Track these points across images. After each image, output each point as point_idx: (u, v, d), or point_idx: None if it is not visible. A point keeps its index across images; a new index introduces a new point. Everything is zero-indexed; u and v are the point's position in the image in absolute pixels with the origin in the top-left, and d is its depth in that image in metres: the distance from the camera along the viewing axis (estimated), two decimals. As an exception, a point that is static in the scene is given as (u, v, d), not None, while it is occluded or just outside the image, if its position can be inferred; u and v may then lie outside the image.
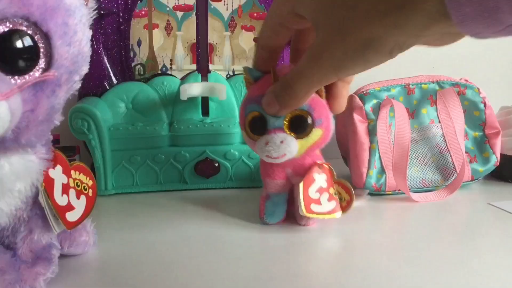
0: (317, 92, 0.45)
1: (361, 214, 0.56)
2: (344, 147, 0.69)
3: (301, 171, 0.49)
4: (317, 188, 0.48)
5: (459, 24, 0.26)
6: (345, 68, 0.34)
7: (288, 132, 0.45)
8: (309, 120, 0.45)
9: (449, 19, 0.26)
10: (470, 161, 0.66)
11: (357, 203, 0.54)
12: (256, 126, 0.46)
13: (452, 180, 0.64)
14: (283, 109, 0.42)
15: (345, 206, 0.49)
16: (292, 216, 0.52)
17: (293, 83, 0.39)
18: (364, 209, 0.58)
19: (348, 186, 0.49)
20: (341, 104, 0.46)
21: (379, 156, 0.62)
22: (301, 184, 0.48)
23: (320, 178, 0.49)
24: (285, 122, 0.45)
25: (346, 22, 0.31)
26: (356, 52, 0.31)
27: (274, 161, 0.46)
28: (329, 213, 0.48)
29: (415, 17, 0.28)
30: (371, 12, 0.29)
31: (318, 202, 0.48)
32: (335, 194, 0.49)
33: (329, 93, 0.45)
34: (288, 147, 0.45)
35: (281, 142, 0.44)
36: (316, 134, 0.46)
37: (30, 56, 0.32)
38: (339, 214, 0.49)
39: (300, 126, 0.45)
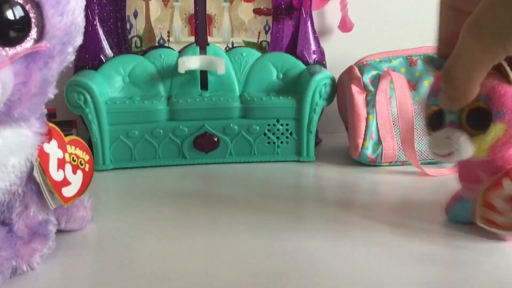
0: (503, 76, 0.36)
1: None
2: (345, 118, 0.68)
3: (492, 172, 0.40)
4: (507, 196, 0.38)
5: None
6: None
7: (465, 127, 0.37)
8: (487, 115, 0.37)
9: None
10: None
11: None
12: (434, 121, 0.40)
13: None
14: (452, 103, 0.36)
15: None
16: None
17: (452, 70, 0.33)
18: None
19: None
20: None
21: (377, 128, 0.62)
22: (482, 188, 0.39)
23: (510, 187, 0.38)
24: (462, 116, 0.38)
25: None
26: None
27: (442, 160, 0.40)
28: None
29: None
30: None
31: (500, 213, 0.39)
32: None
33: None
34: (455, 144, 0.37)
35: (447, 137, 0.37)
36: (497, 129, 0.36)
37: (21, 26, 0.30)
38: None
39: (476, 120, 0.37)
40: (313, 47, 0.71)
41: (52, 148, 0.38)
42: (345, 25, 0.77)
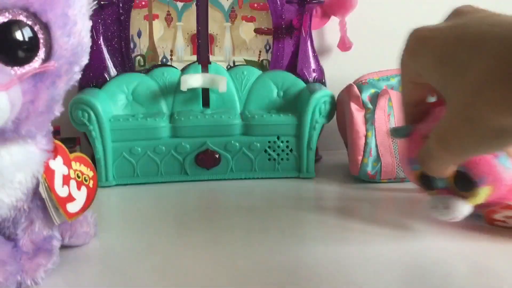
0: None
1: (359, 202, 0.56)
2: (344, 135, 0.69)
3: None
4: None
5: None
6: (479, 153, 0.33)
7: (456, 193, 0.41)
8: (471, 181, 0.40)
9: None
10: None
11: None
12: (424, 182, 0.43)
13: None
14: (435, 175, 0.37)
15: None
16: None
17: (428, 161, 0.34)
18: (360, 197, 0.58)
19: None
20: None
21: (376, 145, 0.62)
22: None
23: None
24: (450, 182, 0.41)
25: (470, 109, 0.27)
26: (490, 140, 0.28)
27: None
28: None
29: None
30: (496, 100, 0.26)
31: None
32: None
33: None
34: (455, 212, 0.41)
35: (445, 207, 0.41)
36: (484, 192, 0.41)
37: (30, 46, 0.31)
38: None
39: (463, 184, 0.41)
40: (312, 65, 0.72)
41: (58, 165, 0.38)
42: (344, 45, 0.78)
